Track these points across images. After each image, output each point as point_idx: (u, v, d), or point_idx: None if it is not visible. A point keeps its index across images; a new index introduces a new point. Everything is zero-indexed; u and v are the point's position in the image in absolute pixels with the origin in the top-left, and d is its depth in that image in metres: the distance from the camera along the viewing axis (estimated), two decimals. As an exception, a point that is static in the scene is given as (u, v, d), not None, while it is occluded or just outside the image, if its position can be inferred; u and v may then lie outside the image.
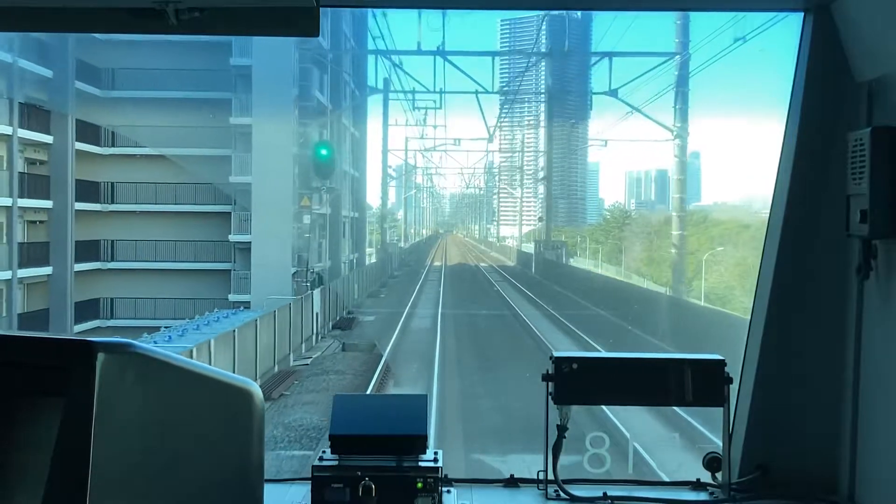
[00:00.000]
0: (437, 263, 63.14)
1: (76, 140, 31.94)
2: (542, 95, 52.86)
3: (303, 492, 2.99)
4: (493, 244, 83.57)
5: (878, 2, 2.93)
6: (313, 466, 2.86)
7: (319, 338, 29.73)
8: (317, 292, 30.41)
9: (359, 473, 2.77)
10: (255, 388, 2.08)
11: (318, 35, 2.84)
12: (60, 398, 1.65)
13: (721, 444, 3.23)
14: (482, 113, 54.25)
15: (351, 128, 41.14)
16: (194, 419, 1.90)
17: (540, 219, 56.59)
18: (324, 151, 31.89)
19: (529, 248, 59.77)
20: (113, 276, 34.32)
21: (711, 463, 3.25)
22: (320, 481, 2.82)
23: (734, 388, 3.22)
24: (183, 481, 1.84)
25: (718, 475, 3.25)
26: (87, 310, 32.61)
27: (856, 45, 3.09)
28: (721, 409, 3.18)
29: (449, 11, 27.87)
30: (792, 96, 3.30)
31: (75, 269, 31.47)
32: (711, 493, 3.26)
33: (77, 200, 31.92)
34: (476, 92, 35.86)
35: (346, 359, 26.09)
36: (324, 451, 2.96)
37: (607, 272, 46.50)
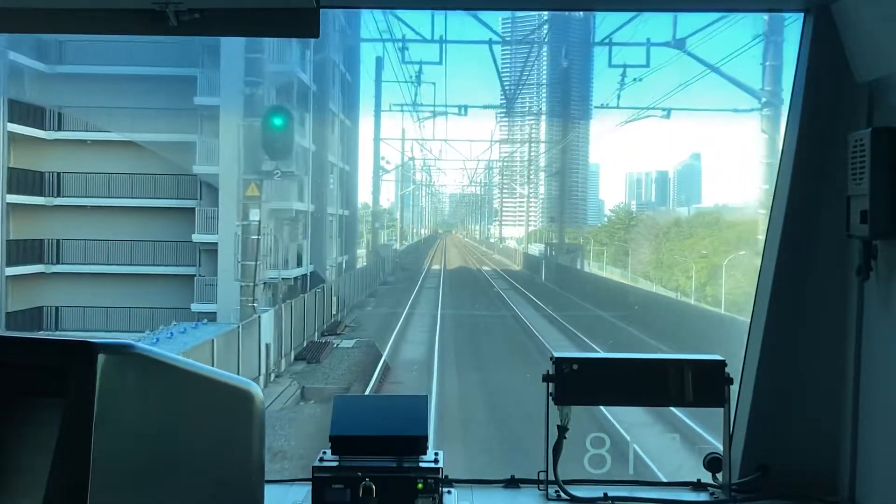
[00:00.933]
0: (435, 267, 63.57)
1: (16, 122, 31.74)
2: (563, 59, 48.42)
3: (303, 492, 3.45)
4: (494, 245, 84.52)
5: (878, 2, 3.41)
6: (314, 467, 3.30)
7: (272, 377, 26.00)
8: (267, 316, 26.65)
9: (359, 474, 3.22)
10: (256, 389, 2.41)
11: (318, 36, 3.34)
12: (60, 398, 1.86)
13: (721, 444, 3.74)
14: (496, 66, 45.24)
15: (340, 115, 40.26)
16: (195, 420, 2.15)
17: (552, 219, 57.16)
18: (278, 121, 27.50)
19: (535, 250, 60.21)
20: (59, 280, 34.17)
21: (712, 463, 3.77)
22: (321, 482, 3.27)
23: (734, 388, 3.73)
24: (183, 482, 2.10)
25: (719, 476, 3.76)
26: (28, 320, 32.46)
27: (856, 46, 3.58)
28: (721, 409, 3.68)
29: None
30: (792, 96, 3.80)
31: (13, 273, 31.38)
32: (712, 494, 3.78)
33: (16, 192, 31.73)
34: (490, 41, 32.68)
35: (298, 420, 20.65)
36: (324, 452, 3.40)
37: (612, 275, 46.83)
